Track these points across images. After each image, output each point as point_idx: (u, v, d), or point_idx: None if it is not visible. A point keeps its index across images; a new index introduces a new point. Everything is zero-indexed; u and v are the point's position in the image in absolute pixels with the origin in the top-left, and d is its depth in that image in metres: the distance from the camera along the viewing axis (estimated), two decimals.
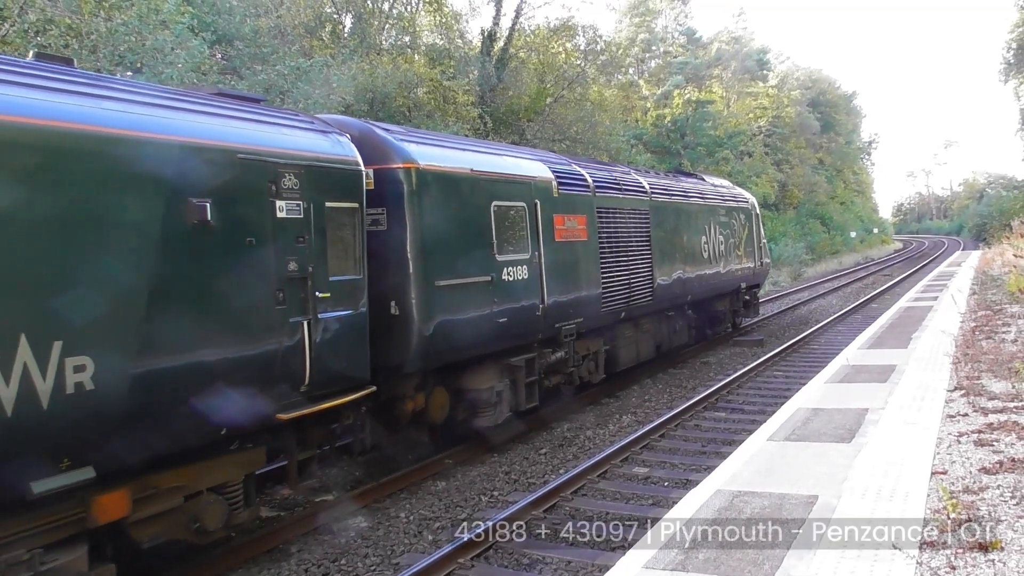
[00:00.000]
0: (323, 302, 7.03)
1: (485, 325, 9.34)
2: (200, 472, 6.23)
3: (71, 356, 4.94)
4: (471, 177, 9.47)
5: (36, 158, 4.97)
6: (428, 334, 8.45)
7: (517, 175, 10.47)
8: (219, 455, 6.44)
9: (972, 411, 7.72)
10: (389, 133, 8.93)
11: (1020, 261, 20.05)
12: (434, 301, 8.56)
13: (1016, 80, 55.79)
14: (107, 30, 13.10)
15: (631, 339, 13.88)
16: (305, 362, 6.80)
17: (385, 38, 26.21)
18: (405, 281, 8.35)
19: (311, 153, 7.17)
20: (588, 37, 30.40)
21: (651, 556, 4.74)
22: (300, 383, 6.79)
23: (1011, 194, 67.83)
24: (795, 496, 5.60)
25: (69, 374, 4.93)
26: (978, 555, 4.40)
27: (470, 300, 9.15)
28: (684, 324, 16.40)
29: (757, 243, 20.49)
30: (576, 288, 11.43)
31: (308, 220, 6.96)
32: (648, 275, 13.93)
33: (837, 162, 76.08)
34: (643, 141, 39.92)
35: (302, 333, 6.77)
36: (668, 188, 15.69)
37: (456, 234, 9.10)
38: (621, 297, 12.84)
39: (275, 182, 6.66)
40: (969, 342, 11.76)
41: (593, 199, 12.26)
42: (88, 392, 5.02)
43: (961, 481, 5.69)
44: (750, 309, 20.70)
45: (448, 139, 10.92)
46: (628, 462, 9.45)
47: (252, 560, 6.99)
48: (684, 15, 57.59)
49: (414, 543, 7.34)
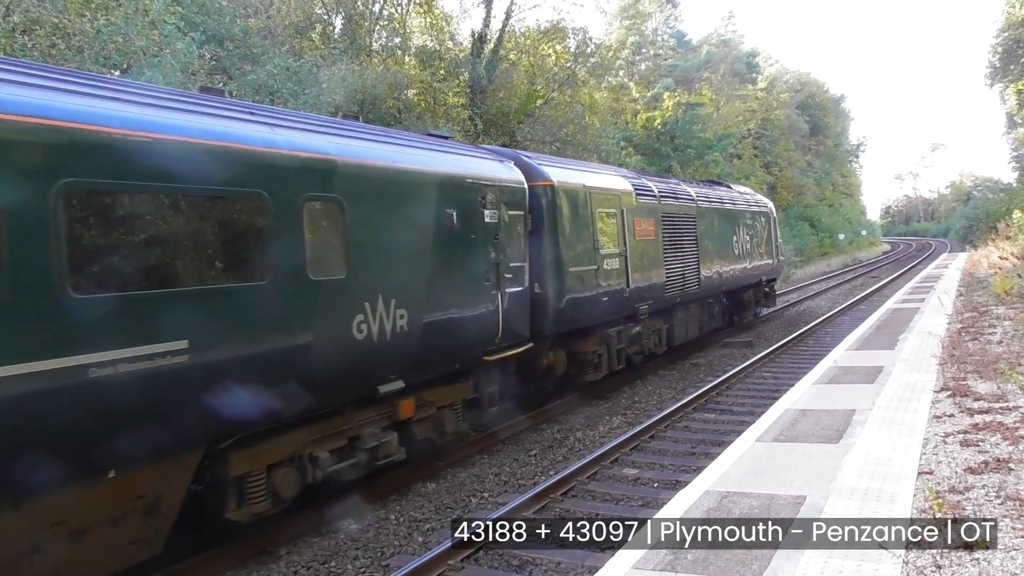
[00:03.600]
0: (507, 281, 9.97)
1: (593, 303, 12.34)
2: (443, 394, 9.20)
3: (400, 309, 7.87)
4: (584, 191, 12.45)
5: (399, 189, 8.22)
6: (560, 307, 11.39)
7: (611, 188, 13.51)
8: (451, 383, 9.37)
9: (958, 412, 7.79)
10: (532, 159, 11.94)
11: (1005, 263, 20.19)
12: (564, 283, 11.44)
13: (1002, 84, 56.27)
14: (93, 30, 13.00)
15: (683, 320, 16.68)
16: (499, 322, 9.78)
17: (375, 39, 26.17)
18: (546, 267, 11.20)
19: (499, 176, 10.23)
20: (578, 39, 30.42)
21: (640, 556, 4.76)
22: (495, 336, 9.78)
23: (997, 197, 68.32)
24: (783, 496, 5.63)
25: (397, 320, 7.85)
26: (963, 554, 4.44)
27: (584, 284, 12.07)
28: (719, 310, 19.53)
29: (774, 243, 23.57)
30: (648, 277, 14.40)
31: (499, 223, 9.90)
32: (695, 268, 16.84)
33: (826, 164, 76.43)
34: (633, 143, 39.98)
35: (498, 302, 9.76)
36: (708, 196, 18.66)
37: (576, 234, 11.99)
38: (677, 285, 15.74)
39: (483, 198, 9.61)
40: (955, 343, 11.85)
41: (658, 206, 15.28)
42: (404, 332, 7.94)
43: (947, 481, 5.74)
44: (769, 299, 23.65)
45: (567, 162, 14.23)
46: (618, 463, 9.48)
47: (241, 563, 6.96)
48: (674, 18, 57.86)
49: (404, 545, 7.34)
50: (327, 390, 7.19)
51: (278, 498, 7.03)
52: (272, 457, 6.95)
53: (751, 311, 22.17)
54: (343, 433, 7.73)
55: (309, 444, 7.33)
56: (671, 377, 15.20)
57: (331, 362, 7.10)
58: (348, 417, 7.77)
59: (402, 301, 7.89)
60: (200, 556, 6.83)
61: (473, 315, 9.21)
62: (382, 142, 8.36)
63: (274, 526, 7.43)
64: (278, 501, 7.04)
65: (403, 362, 8.07)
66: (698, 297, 17.22)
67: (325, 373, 7.06)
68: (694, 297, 16.88)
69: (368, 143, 8.09)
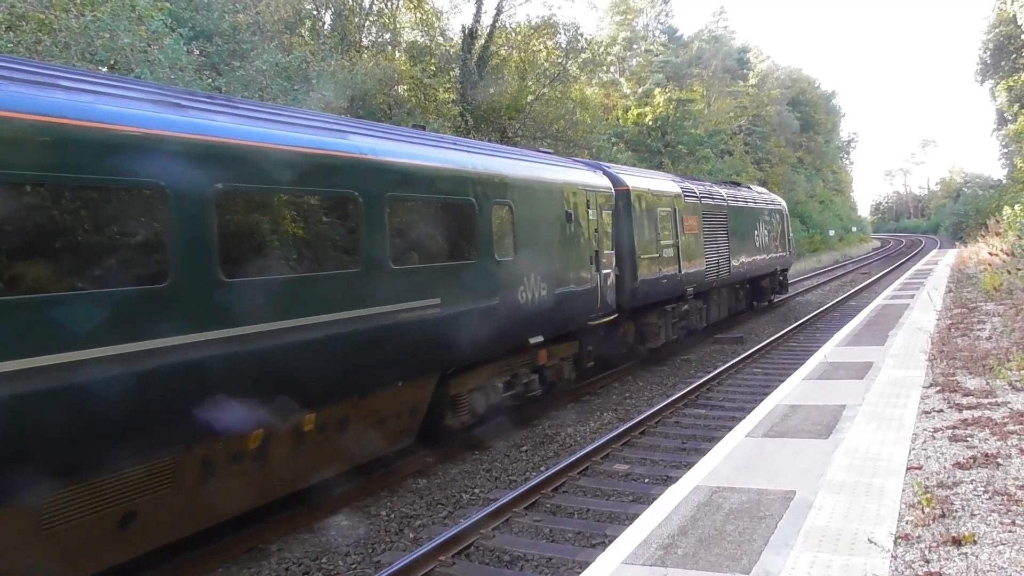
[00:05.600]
0: (603, 264, 12.97)
1: (656, 284, 15.39)
2: (562, 349, 12.24)
3: (542, 283, 10.79)
4: (649, 193, 15.55)
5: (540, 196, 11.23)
6: (635, 287, 14.35)
7: (667, 191, 16.72)
8: (567, 341, 12.36)
9: (947, 407, 7.82)
10: (610, 169, 14.97)
11: (995, 259, 20.29)
12: (637, 268, 14.39)
13: (992, 80, 56.49)
14: (79, 26, 12.88)
15: (717, 301, 19.81)
16: (598, 295, 12.75)
17: (366, 35, 26.08)
18: (625, 255, 14.15)
19: (595, 184, 13.20)
20: (569, 35, 30.40)
21: (631, 551, 4.75)
22: (595, 307, 12.70)
23: (987, 193, 68.62)
24: (773, 492, 5.64)
25: (540, 291, 10.74)
26: (951, 548, 4.46)
27: (650, 269, 15.05)
28: (743, 295, 22.86)
29: (787, 237, 26.92)
30: (693, 264, 17.43)
31: (599, 221, 12.95)
32: (727, 258, 19.95)
33: (816, 161, 76.73)
34: (624, 139, 39.99)
35: (597, 280, 12.73)
36: (736, 196, 21.75)
37: (644, 228, 14.99)
38: (713, 272, 18.81)
39: (589, 200, 12.62)
40: (945, 339, 11.91)
41: (699, 206, 18.36)
42: (544, 299, 10.80)
43: (936, 476, 5.76)
44: (782, 287, 27.12)
45: (634, 170, 17.76)
46: (609, 459, 9.49)
47: (233, 559, 6.93)
48: (665, 14, 57.95)
49: (395, 541, 7.32)
50: (504, 339, 10.17)
51: (474, 413, 10.11)
52: (471, 384, 9.94)
53: (768, 296, 25.49)
54: (507, 371, 10.80)
55: (490, 377, 10.35)
56: (662, 373, 15.22)
57: (506, 318, 10.02)
58: (510, 360, 10.77)
59: (543, 277, 10.91)
60: (193, 552, 6.80)
61: (583, 290, 12.26)
62: (527, 161, 11.45)
63: (264, 522, 7.42)
64: (473, 415, 10.11)
65: (543, 321, 10.99)
66: (728, 283, 20.45)
67: (504, 326, 9.97)
68: (725, 283, 20.08)
69: (519, 162, 11.12)
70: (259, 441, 6.76)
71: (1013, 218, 24.43)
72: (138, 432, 5.45)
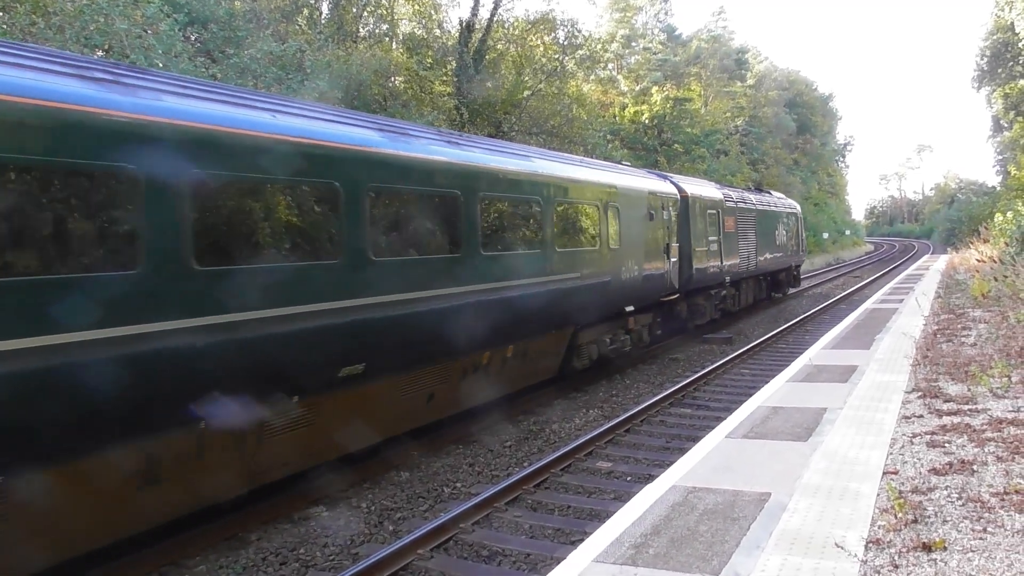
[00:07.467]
0: (671, 254, 16.32)
1: (705, 272, 18.81)
2: (642, 318, 15.68)
3: (635, 265, 14.45)
4: (701, 198, 19.10)
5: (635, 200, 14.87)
6: (691, 274, 17.73)
7: (713, 196, 20.20)
8: (645, 313, 15.82)
9: (927, 413, 7.87)
10: (673, 177, 18.87)
11: (984, 266, 20.39)
12: (693, 258, 17.78)
13: (989, 87, 56.64)
14: (74, 10, 12.81)
15: (745, 290, 23.70)
16: (668, 278, 16.22)
17: (363, 25, 25.98)
18: (684, 248, 17.51)
19: (665, 190, 16.79)
20: (567, 31, 30.32)
21: (603, 549, 4.78)
22: (666, 287, 16.24)
23: (981, 200, 68.92)
24: (748, 493, 5.68)
25: (634, 271, 14.42)
26: (921, 554, 4.49)
27: (702, 259, 18.45)
28: (765, 286, 26.76)
29: (800, 237, 30.98)
30: (731, 258, 20.90)
31: (669, 220, 16.43)
32: (755, 253, 23.55)
33: (812, 163, 76.80)
34: (620, 137, 39.96)
35: (668, 266, 16.18)
36: (762, 200, 25.85)
37: (697, 227, 18.36)
38: (744, 265, 22.32)
39: (663, 203, 16.14)
40: (930, 344, 11.97)
41: (736, 209, 21.93)
42: (635, 278, 14.52)
43: (911, 481, 5.80)
44: (796, 281, 31.17)
45: (690, 179, 20.98)
46: (593, 456, 9.52)
47: (211, 547, 6.95)
48: (664, 12, 57.84)
49: (374, 533, 7.34)
50: (612, 305, 13.89)
51: (591, 359, 13.78)
52: (591, 338, 13.68)
53: (784, 289, 29.32)
54: (610, 331, 14.35)
55: (601, 334, 14.06)
56: (650, 372, 15.27)
57: (615, 290, 13.68)
58: (612, 323, 14.35)
59: (636, 261, 14.45)
60: (169, 540, 6.81)
61: (659, 273, 15.72)
62: (626, 175, 15.09)
63: (246, 511, 7.43)
64: (590, 360, 13.79)
65: (634, 295, 14.55)
66: (754, 275, 24.21)
67: (613, 296, 13.69)
68: (752, 275, 23.84)
69: (622, 175, 14.77)
70: (488, 360, 10.63)
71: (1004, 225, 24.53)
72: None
